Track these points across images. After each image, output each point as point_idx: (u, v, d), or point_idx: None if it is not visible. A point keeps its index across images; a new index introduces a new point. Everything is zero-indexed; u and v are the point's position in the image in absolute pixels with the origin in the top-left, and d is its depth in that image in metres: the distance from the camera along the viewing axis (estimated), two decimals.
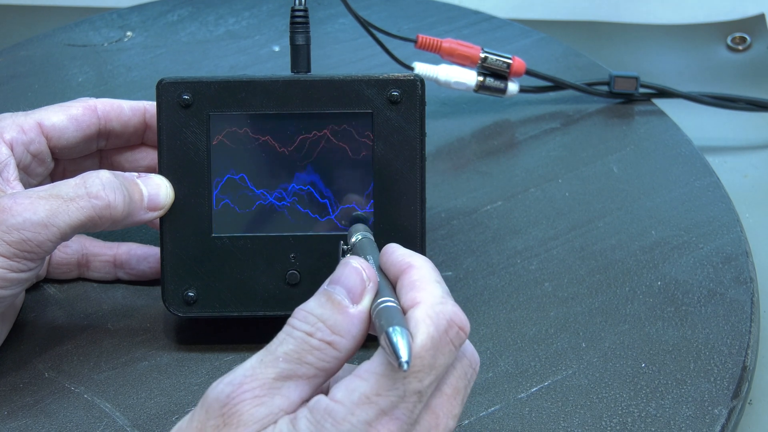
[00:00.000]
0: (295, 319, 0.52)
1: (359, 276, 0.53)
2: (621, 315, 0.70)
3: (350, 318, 0.52)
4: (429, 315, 0.51)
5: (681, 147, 0.83)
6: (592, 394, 0.65)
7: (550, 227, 0.76)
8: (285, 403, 0.51)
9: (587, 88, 0.87)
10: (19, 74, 0.91)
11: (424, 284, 0.52)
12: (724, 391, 0.65)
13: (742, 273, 0.72)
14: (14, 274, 0.61)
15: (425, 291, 0.52)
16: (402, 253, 0.55)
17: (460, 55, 0.85)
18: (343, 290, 0.52)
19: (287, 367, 0.51)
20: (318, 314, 0.52)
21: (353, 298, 0.52)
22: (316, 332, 0.51)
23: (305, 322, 0.52)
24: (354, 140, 0.67)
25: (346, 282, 0.53)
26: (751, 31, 0.99)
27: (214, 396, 0.51)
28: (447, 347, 0.51)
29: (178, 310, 0.67)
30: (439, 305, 0.51)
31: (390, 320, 0.50)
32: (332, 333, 0.51)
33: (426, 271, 0.53)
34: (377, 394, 0.50)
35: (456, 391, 0.53)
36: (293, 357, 0.51)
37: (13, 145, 0.67)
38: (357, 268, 0.53)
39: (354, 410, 0.49)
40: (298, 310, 0.52)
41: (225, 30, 0.96)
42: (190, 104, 0.66)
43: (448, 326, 0.51)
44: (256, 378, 0.51)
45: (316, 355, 0.51)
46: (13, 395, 0.65)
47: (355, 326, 0.52)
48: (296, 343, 0.51)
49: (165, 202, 0.66)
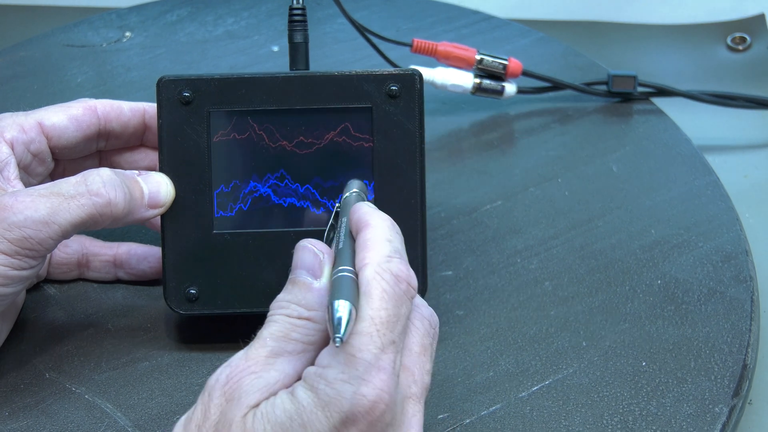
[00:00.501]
0: (272, 309, 0.56)
1: (311, 253, 0.56)
2: (621, 314, 0.70)
3: (317, 292, 0.55)
4: (377, 272, 0.53)
5: (680, 146, 0.83)
6: (592, 393, 0.65)
7: (549, 226, 0.76)
8: (280, 375, 0.54)
9: (585, 88, 0.87)
10: (18, 74, 0.91)
11: (373, 243, 0.55)
12: (725, 390, 0.65)
13: (742, 271, 0.72)
14: (15, 271, 0.61)
15: (373, 250, 0.55)
16: (363, 211, 0.57)
17: (455, 57, 0.85)
18: (302, 271, 0.56)
19: (276, 345, 0.54)
20: (289, 299, 0.56)
21: (314, 274, 0.56)
22: (293, 312, 0.55)
23: (281, 308, 0.55)
24: (353, 135, 0.67)
25: (303, 262, 0.56)
26: (751, 31, 0.99)
27: (213, 380, 0.54)
28: (402, 299, 0.54)
29: (180, 308, 0.67)
30: (384, 263, 0.54)
31: (335, 293, 0.52)
32: (307, 310, 0.55)
33: (379, 230, 0.56)
34: (359, 351, 0.52)
35: (423, 348, 0.56)
36: (279, 336, 0.54)
37: (14, 144, 0.67)
38: (308, 247, 0.57)
39: (343, 369, 0.52)
40: (273, 303, 0.56)
41: (224, 30, 0.96)
42: (191, 101, 0.66)
43: (397, 281, 0.54)
44: (249, 358, 0.54)
45: (299, 332, 0.55)
46: (13, 396, 0.65)
47: (324, 297, 0.55)
48: (279, 324, 0.55)
49: (166, 199, 0.66)
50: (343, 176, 0.67)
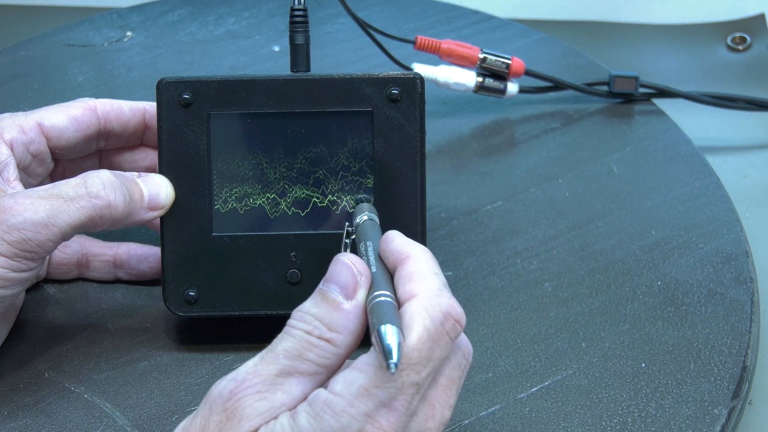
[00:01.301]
0: (293, 320, 0.53)
1: (350, 271, 0.54)
2: (621, 315, 0.70)
3: (345, 314, 0.53)
4: (425, 308, 0.51)
5: (681, 147, 0.83)
6: (592, 394, 0.65)
7: (550, 227, 0.76)
8: (287, 398, 0.52)
9: (587, 88, 0.87)
10: (19, 74, 0.91)
11: (421, 276, 0.53)
12: (724, 391, 0.65)
13: (742, 273, 0.72)
14: (15, 273, 0.61)
15: (422, 283, 0.52)
16: (401, 242, 0.55)
17: (459, 56, 0.85)
18: (336, 287, 0.53)
19: (288, 364, 0.52)
20: (314, 313, 0.53)
21: (347, 294, 0.53)
22: (314, 330, 0.52)
23: (303, 321, 0.53)
24: (354, 139, 0.67)
25: (339, 279, 0.53)
26: (751, 31, 0.99)
27: (217, 392, 0.52)
28: (443, 340, 0.51)
29: (179, 310, 0.67)
30: (435, 297, 0.52)
31: (381, 317, 0.50)
32: (329, 330, 0.53)
33: (424, 263, 0.54)
34: (376, 386, 0.50)
35: (451, 381, 0.53)
36: (293, 354, 0.52)
37: (13, 145, 0.67)
38: (348, 264, 0.54)
39: (353, 402, 0.50)
40: (296, 312, 0.54)
41: (225, 30, 0.96)
42: (190, 103, 0.66)
43: (444, 319, 0.51)
44: (258, 374, 0.52)
45: (315, 352, 0.52)
46: (13, 395, 0.65)
47: (351, 322, 0.53)
48: (296, 340, 0.52)
49: (165, 201, 0.66)
50: (343, 178, 0.67)
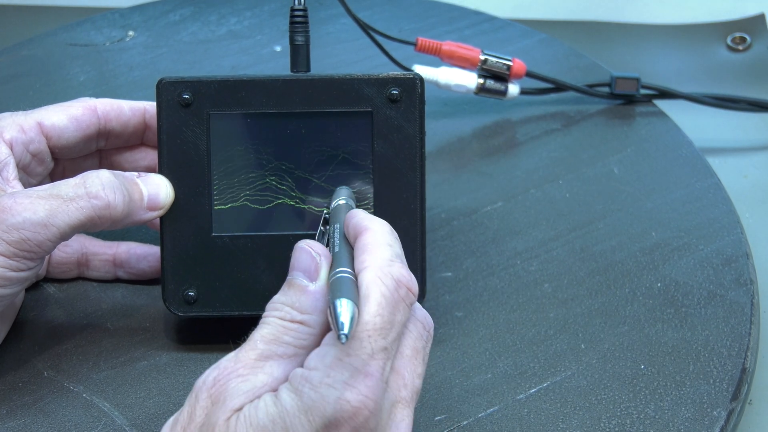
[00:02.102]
0: (266, 311, 0.55)
1: (309, 255, 0.56)
2: (621, 316, 0.70)
3: (312, 295, 0.55)
4: (378, 276, 0.53)
5: (682, 148, 0.83)
6: (591, 396, 0.65)
7: (550, 228, 0.76)
8: (269, 379, 0.53)
9: (588, 89, 0.87)
10: (20, 74, 0.91)
11: (374, 247, 0.55)
12: (724, 393, 0.65)
13: (743, 275, 0.72)
14: (14, 273, 0.61)
15: (374, 254, 0.54)
16: (361, 217, 0.57)
17: (459, 57, 0.85)
18: (299, 273, 0.56)
19: (266, 348, 0.54)
20: (284, 300, 0.55)
21: (310, 276, 0.55)
22: (286, 315, 0.54)
23: (275, 310, 0.55)
24: (354, 139, 0.67)
25: (300, 264, 0.56)
26: (751, 31, 0.99)
27: (201, 381, 0.54)
28: (400, 305, 0.53)
29: (179, 310, 0.67)
30: (386, 267, 0.54)
31: (335, 292, 0.52)
32: (301, 313, 0.54)
33: (379, 235, 0.56)
34: (347, 355, 0.52)
35: (415, 351, 0.55)
36: (270, 339, 0.54)
37: (13, 144, 0.67)
38: (305, 248, 0.56)
39: (329, 372, 0.51)
40: (268, 304, 0.56)
41: (227, 30, 0.96)
42: (190, 103, 0.66)
43: (397, 286, 0.53)
44: (239, 360, 0.54)
45: (291, 335, 0.54)
46: (12, 394, 0.65)
47: (319, 301, 0.55)
48: (271, 327, 0.54)
49: (165, 201, 0.66)
50: (343, 179, 0.67)
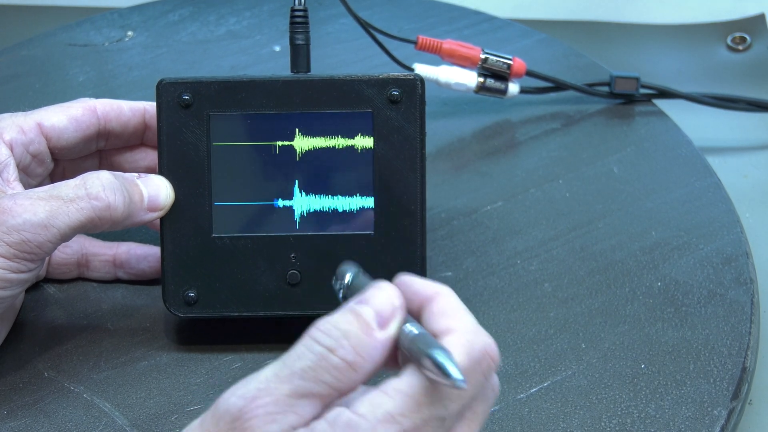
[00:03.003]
0: (318, 331, 0.50)
1: (390, 301, 0.51)
2: (621, 316, 0.70)
3: (375, 341, 0.50)
4: (463, 344, 0.50)
5: (681, 148, 0.83)
6: (591, 395, 0.65)
7: (550, 228, 0.76)
8: (298, 420, 0.49)
9: (588, 89, 0.87)
10: (19, 74, 0.91)
11: (456, 312, 0.51)
12: (724, 392, 0.65)
13: (743, 274, 0.72)
14: (14, 274, 0.61)
15: (458, 319, 0.51)
16: (423, 282, 0.53)
17: (460, 56, 0.85)
18: (372, 311, 0.50)
19: (303, 385, 0.49)
20: (343, 329, 0.50)
21: (381, 322, 0.50)
22: (339, 349, 0.49)
23: (328, 336, 0.50)
24: (354, 140, 0.67)
25: (377, 304, 0.50)
26: (751, 31, 0.99)
27: (225, 407, 0.49)
28: (477, 377, 0.50)
29: (179, 311, 0.67)
30: (473, 334, 0.50)
31: (430, 344, 0.49)
32: (355, 353, 0.49)
33: (455, 299, 0.52)
34: (402, 414, 0.48)
35: (475, 415, 0.51)
36: (310, 375, 0.49)
37: (13, 145, 0.67)
38: (389, 294, 0.51)
39: (377, 427, 0.48)
40: (323, 321, 0.50)
41: (226, 30, 0.96)
42: (190, 104, 0.66)
43: (482, 357, 0.50)
44: (270, 393, 0.49)
45: (333, 375, 0.49)
46: (12, 395, 0.65)
47: (378, 351, 0.50)
48: (316, 359, 0.49)
49: (165, 202, 0.66)
50: (343, 180, 0.67)
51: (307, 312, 0.66)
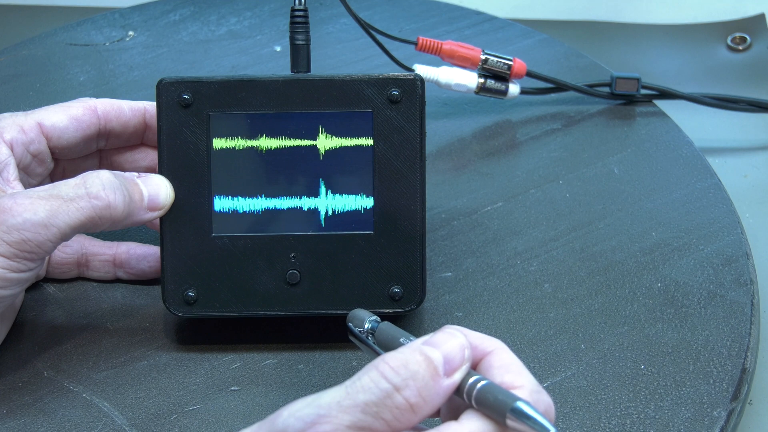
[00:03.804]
0: (387, 366, 0.50)
1: (461, 350, 0.52)
2: (621, 316, 0.70)
3: (440, 387, 0.51)
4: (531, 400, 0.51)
5: (682, 148, 0.83)
6: (591, 396, 0.65)
7: (550, 228, 0.76)
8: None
9: (588, 89, 0.87)
10: (20, 73, 0.91)
11: (518, 369, 0.52)
12: (724, 393, 0.65)
13: (743, 275, 0.72)
14: (14, 274, 0.61)
15: (522, 376, 0.52)
16: (479, 335, 0.54)
17: (460, 57, 0.85)
18: (441, 357, 0.51)
19: (363, 419, 0.49)
20: (413, 371, 0.50)
21: (448, 369, 0.51)
22: (404, 389, 0.50)
23: (397, 374, 0.50)
24: (354, 140, 0.67)
25: (447, 351, 0.51)
26: (751, 31, 0.99)
27: (282, 427, 0.49)
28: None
29: (178, 310, 0.67)
30: (537, 393, 0.51)
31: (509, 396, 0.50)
32: (419, 395, 0.50)
33: (514, 356, 0.53)
34: None
35: None
36: (372, 410, 0.49)
37: (13, 145, 0.67)
38: (462, 344, 0.52)
39: None
40: (392, 357, 0.51)
41: (227, 30, 0.96)
42: (190, 104, 0.66)
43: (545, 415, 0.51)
44: (330, 421, 0.49)
45: (394, 414, 0.50)
46: (12, 394, 0.65)
47: (440, 397, 0.51)
48: (380, 394, 0.50)
49: (165, 202, 0.66)
50: (343, 180, 0.67)
51: (307, 312, 0.67)
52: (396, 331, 0.56)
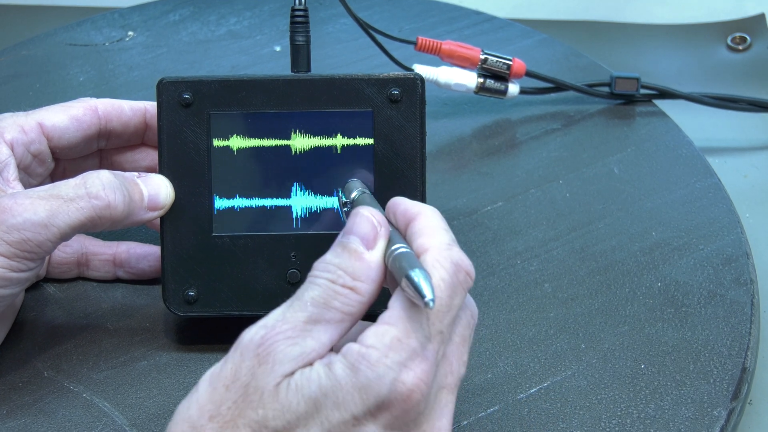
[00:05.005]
0: (316, 270, 0.54)
1: (370, 223, 0.55)
2: (621, 316, 0.70)
3: (367, 263, 0.54)
4: (438, 259, 0.53)
5: (682, 148, 0.83)
6: (591, 396, 0.65)
7: (550, 228, 0.76)
8: (316, 344, 0.52)
9: (588, 89, 0.87)
10: (20, 74, 0.91)
11: (431, 231, 0.55)
12: (724, 393, 0.65)
13: (743, 274, 0.72)
14: (14, 273, 0.61)
15: (433, 237, 0.54)
16: (410, 202, 0.57)
17: (459, 56, 0.85)
18: (356, 238, 0.55)
19: (316, 311, 0.53)
20: (337, 263, 0.54)
21: (367, 244, 0.54)
22: (338, 279, 0.54)
23: (326, 271, 0.54)
24: (354, 139, 0.67)
25: (359, 230, 0.55)
26: (751, 31, 0.99)
27: (248, 338, 0.53)
28: (458, 289, 0.53)
29: (179, 310, 0.67)
30: (446, 250, 0.54)
31: (409, 263, 0.52)
32: (353, 279, 0.54)
33: (434, 220, 0.55)
34: (407, 336, 0.52)
35: (463, 339, 0.55)
36: (320, 302, 0.53)
37: (14, 145, 0.67)
38: (367, 216, 0.55)
39: (387, 353, 0.51)
40: (318, 263, 0.54)
41: (226, 30, 0.96)
42: (191, 103, 0.66)
43: (457, 270, 0.53)
44: (287, 321, 0.53)
45: (341, 300, 0.53)
46: (12, 394, 0.65)
47: (373, 270, 0.54)
48: (322, 289, 0.53)
49: (165, 201, 0.66)
50: (343, 179, 0.67)
51: None
52: (367, 203, 0.59)
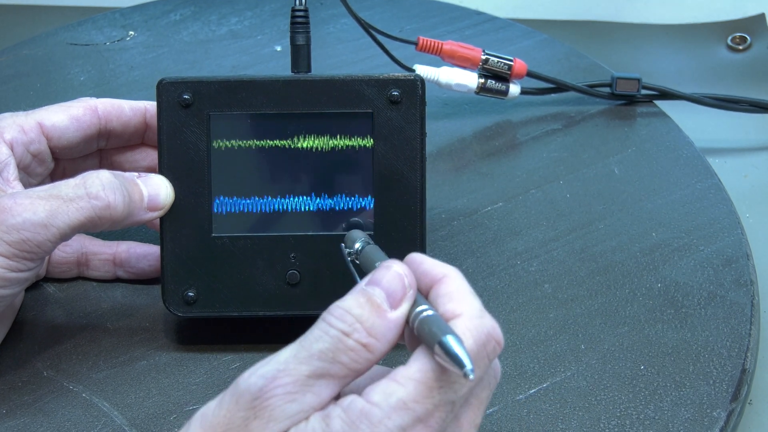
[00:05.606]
0: (331, 316, 0.51)
1: (401, 281, 0.52)
2: (620, 317, 0.70)
3: (388, 322, 0.51)
4: (469, 328, 0.51)
5: (682, 149, 0.83)
6: (590, 396, 0.65)
7: (550, 229, 0.76)
8: (316, 400, 0.50)
9: (589, 90, 0.87)
10: (21, 73, 0.91)
11: (462, 296, 0.52)
12: (723, 394, 0.65)
13: (743, 275, 0.72)
14: (14, 273, 0.61)
15: (464, 303, 0.52)
16: (433, 262, 0.54)
17: (460, 57, 0.85)
18: (383, 293, 0.52)
19: (321, 366, 0.50)
20: (356, 314, 0.51)
21: (392, 302, 0.52)
22: (353, 333, 0.51)
23: (342, 321, 0.51)
24: (354, 140, 0.67)
25: (387, 285, 0.52)
26: (751, 31, 0.99)
27: (245, 387, 0.50)
28: (483, 361, 0.51)
29: (178, 310, 0.67)
30: (478, 318, 0.51)
31: (441, 329, 0.49)
32: (368, 335, 0.51)
33: (461, 282, 0.53)
34: (414, 401, 0.49)
35: (480, 402, 0.53)
36: (328, 356, 0.50)
37: (14, 145, 0.67)
38: (399, 274, 0.52)
39: (390, 414, 0.49)
40: (335, 307, 0.52)
41: (227, 30, 0.96)
42: (191, 104, 0.66)
43: (487, 340, 0.51)
44: (289, 373, 0.50)
45: (350, 356, 0.51)
46: (11, 394, 0.65)
47: (391, 331, 0.51)
48: (332, 341, 0.51)
49: (165, 202, 0.66)
50: (343, 180, 0.67)
51: (307, 312, 0.66)
52: (375, 255, 0.57)
